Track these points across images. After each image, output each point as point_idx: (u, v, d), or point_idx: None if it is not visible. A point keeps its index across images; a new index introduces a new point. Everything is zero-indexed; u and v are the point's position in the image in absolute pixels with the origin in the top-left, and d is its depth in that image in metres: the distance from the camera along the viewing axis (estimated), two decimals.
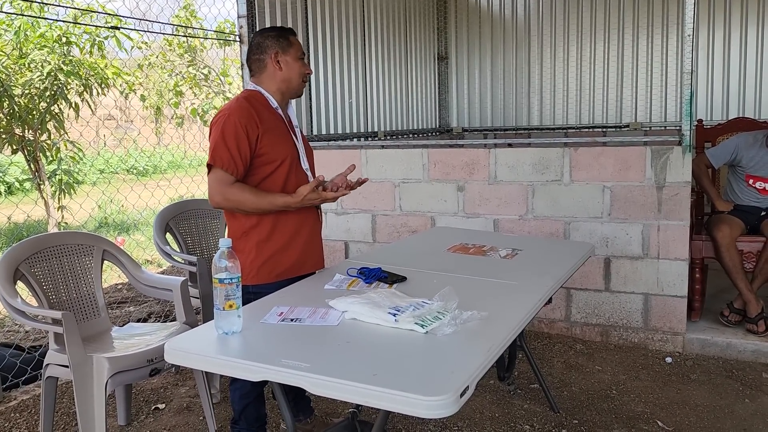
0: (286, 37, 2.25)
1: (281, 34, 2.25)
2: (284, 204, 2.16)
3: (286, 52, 2.23)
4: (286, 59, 2.23)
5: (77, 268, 2.69)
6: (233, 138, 2.09)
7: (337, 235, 4.32)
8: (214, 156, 2.11)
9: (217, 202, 2.15)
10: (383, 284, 2.08)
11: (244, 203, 2.14)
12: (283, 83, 2.25)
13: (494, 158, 3.81)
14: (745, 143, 3.69)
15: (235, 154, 2.09)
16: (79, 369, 2.30)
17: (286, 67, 2.24)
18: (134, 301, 4.78)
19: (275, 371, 1.44)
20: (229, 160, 2.09)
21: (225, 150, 2.09)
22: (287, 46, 2.24)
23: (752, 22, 5.77)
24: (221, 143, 2.09)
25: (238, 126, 2.10)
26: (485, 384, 3.09)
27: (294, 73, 2.25)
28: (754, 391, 3.00)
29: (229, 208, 2.18)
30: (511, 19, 6.65)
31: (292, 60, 2.24)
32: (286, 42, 2.24)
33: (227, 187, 2.11)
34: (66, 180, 6.66)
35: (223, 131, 2.10)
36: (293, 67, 2.24)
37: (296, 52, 2.25)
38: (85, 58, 6.26)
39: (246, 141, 2.10)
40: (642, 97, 6.20)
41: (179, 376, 3.32)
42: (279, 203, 2.16)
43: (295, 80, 2.26)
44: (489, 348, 1.53)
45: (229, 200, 2.13)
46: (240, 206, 2.16)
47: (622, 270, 3.58)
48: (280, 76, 2.23)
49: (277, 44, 2.23)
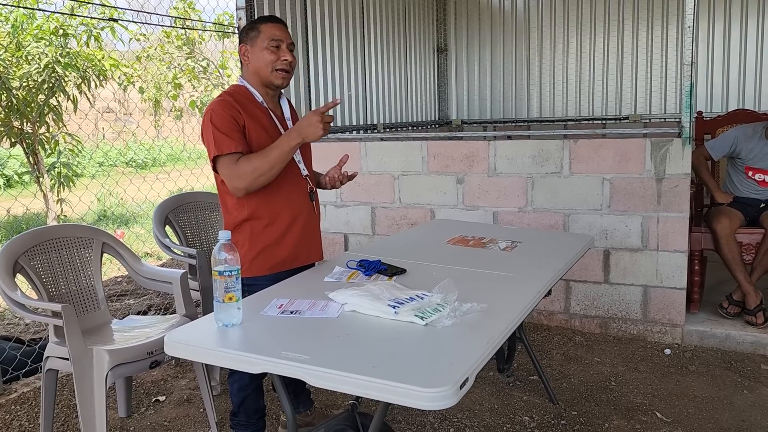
0: (256, 27, 2.17)
1: (252, 25, 2.18)
2: (293, 141, 2.06)
3: (253, 43, 2.16)
4: (252, 51, 2.17)
5: (77, 260, 2.68)
6: (224, 124, 2.07)
7: (337, 228, 4.32)
8: (217, 146, 2.06)
9: (237, 186, 2.07)
10: (383, 276, 2.08)
11: (257, 168, 2.05)
12: (255, 76, 2.19)
13: (494, 150, 3.81)
14: (745, 135, 3.69)
15: (233, 134, 2.06)
16: (80, 361, 2.30)
17: (253, 59, 2.17)
18: (134, 293, 4.78)
19: (275, 363, 1.45)
20: (229, 142, 2.06)
21: (222, 136, 2.06)
22: (255, 36, 2.16)
23: (752, 14, 5.75)
24: (216, 132, 2.07)
25: (224, 113, 2.08)
26: (485, 376, 3.10)
27: (261, 64, 2.16)
28: (753, 383, 3.01)
29: (251, 183, 2.07)
30: (510, 11, 6.63)
31: (259, 51, 2.15)
32: (254, 32, 2.16)
33: (236, 166, 2.06)
34: (65, 173, 6.65)
35: (213, 122, 2.08)
36: (260, 58, 2.16)
37: (264, 42, 2.14)
38: (82, 49, 6.24)
39: (235, 124, 2.08)
40: (642, 89, 6.19)
41: (179, 369, 3.33)
42: (287, 143, 2.06)
43: (264, 71, 2.16)
44: (488, 340, 1.53)
45: (245, 176, 2.05)
46: (256, 174, 2.05)
47: (622, 262, 3.59)
48: (251, 68, 2.19)
49: (245, 37, 2.18)
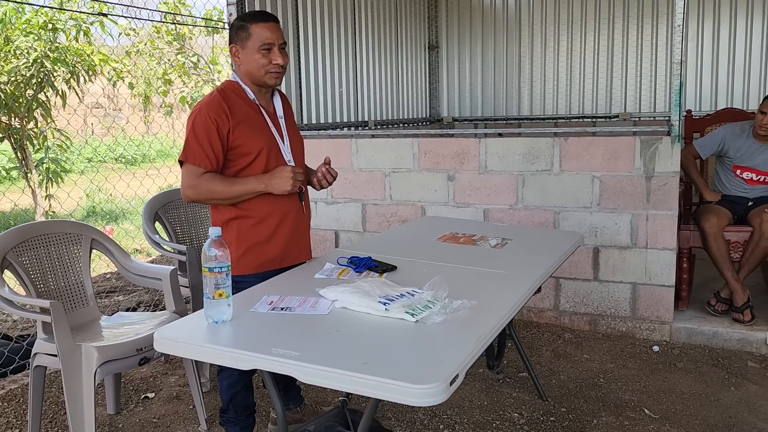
0: (246, 27, 2.13)
1: (242, 25, 2.14)
2: (258, 185, 2.11)
3: (244, 45, 2.14)
4: (244, 53, 2.14)
5: (65, 257, 2.67)
6: (203, 132, 2.07)
7: (328, 225, 4.32)
8: (185, 151, 2.10)
9: (187, 195, 2.12)
10: (373, 273, 2.08)
11: (214, 192, 2.10)
12: (247, 76, 2.18)
13: (484, 148, 3.82)
14: (732, 134, 3.72)
15: (206, 147, 2.07)
16: (68, 358, 2.29)
17: (245, 60, 2.15)
18: (123, 290, 4.76)
19: (265, 360, 1.45)
20: (200, 153, 2.07)
21: (196, 144, 2.08)
22: (245, 38, 2.13)
23: (741, 13, 5.79)
24: (192, 138, 2.09)
25: (208, 120, 2.08)
26: (474, 372, 3.11)
27: (252, 67, 2.14)
28: (740, 380, 3.04)
29: (202, 199, 2.15)
30: (501, 9, 6.63)
31: (250, 52, 2.13)
32: (245, 33, 2.13)
33: (197, 178, 2.08)
34: (53, 168, 6.60)
35: (194, 126, 2.09)
36: (251, 61, 2.14)
37: (256, 44, 2.11)
38: (71, 44, 6.19)
39: (216, 134, 2.08)
40: (631, 87, 6.22)
41: (169, 365, 3.32)
42: (251, 186, 2.11)
43: (256, 73, 2.15)
44: (478, 337, 1.54)
45: (200, 191, 2.10)
46: (211, 196, 2.12)
47: (611, 259, 3.61)
48: (242, 69, 2.18)
49: (235, 37, 2.16)
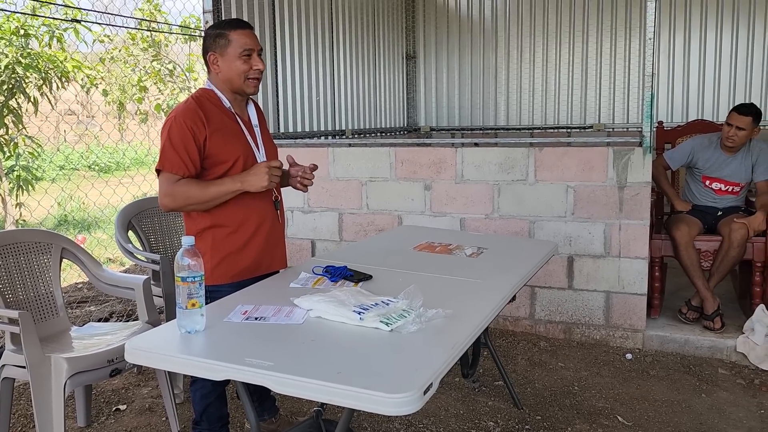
0: (225, 34, 2.12)
1: (220, 33, 2.13)
2: (233, 185, 2.08)
3: (223, 52, 2.12)
4: (223, 60, 2.13)
5: (35, 266, 2.62)
6: (180, 140, 2.05)
7: (304, 234, 4.30)
8: (162, 160, 2.07)
9: (165, 204, 2.08)
10: (349, 282, 2.08)
11: (190, 197, 2.07)
12: (226, 83, 2.17)
13: (461, 157, 3.84)
14: (701, 145, 3.79)
15: (183, 155, 2.05)
16: (37, 370, 2.24)
17: (225, 68, 2.14)
18: (95, 300, 4.68)
19: (238, 370, 1.43)
20: (177, 161, 2.05)
21: (172, 152, 2.05)
22: (225, 45, 2.12)
23: (711, 27, 5.93)
24: (168, 146, 2.06)
25: (184, 127, 2.05)
26: (450, 381, 3.11)
27: (233, 74, 2.13)
28: (711, 386, 3.08)
29: (180, 207, 2.11)
30: (478, 20, 6.71)
31: (231, 60, 2.12)
32: (223, 41, 2.12)
33: (173, 185, 2.06)
34: (24, 176, 6.48)
35: (170, 134, 2.06)
36: (232, 68, 2.13)
37: (236, 50, 2.11)
38: (44, 50, 6.10)
39: (193, 142, 2.05)
40: (605, 98, 6.33)
41: (141, 377, 3.26)
42: (227, 187, 2.08)
43: (236, 80, 2.14)
44: (453, 345, 1.54)
45: (177, 198, 2.06)
46: (188, 201, 2.08)
47: (585, 268, 3.65)
48: (221, 77, 2.16)
49: (213, 44, 2.14)
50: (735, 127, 3.60)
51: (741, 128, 3.59)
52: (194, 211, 2.15)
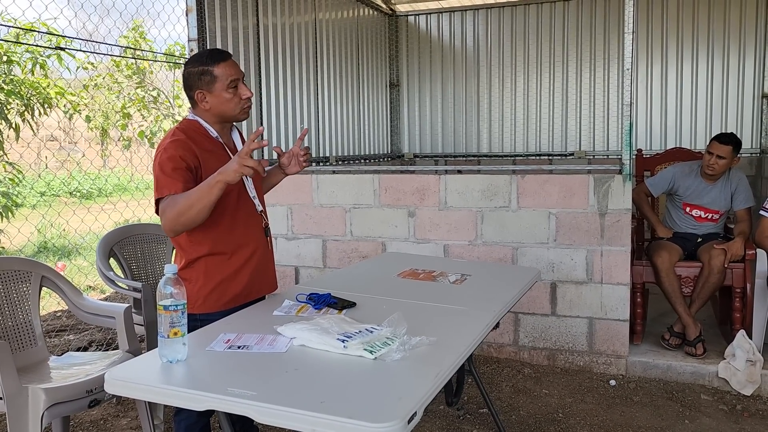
0: (209, 71, 2.11)
1: (204, 70, 2.11)
2: (212, 179, 1.95)
3: (210, 89, 2.11)
4: (212, 96, 2.12)
5: (13, 294, 2.57)
6: (171, 168, 2.02)
7: (288, 261, 4.29)
8: (157, 189, 2.03)
9: (168, 228, 2.03)
10: (333, 310, 2.07)
11: (180, 209, 1.97)
12: (217, 116, 2.17)
13: (444, 184, 3.87)
14: (681, 173, 3.86)
15: (174, 175, 2.02)
16: (13, 400, 2.19)
17: (215, 102, 2.13)
18: (74, 329, 4.60)
19: (221, 400, 1.41)
20: (169, 183, 2.02)
21: (165, 179, 2.02)
22: (210, 81, 2.11)
23: (687, 57, 6.09)
24: (161, 176, 2.03)
25: (175, 156, 2.03)
26: (434, 409, 3.09)
27: (224, 107, 2.14)
28: (694, 412, 3.09)
29: (179, 224, 2.01)
30: (461, 49, 6.82)
31: (219, 93, 2.11)
32: (209, 77, 2.11)
33: (166, 209, 2.00)
34: (4, 203, 6.39)
35: (161, 164, 2.03)
36: (222, 102, 2.12)
37: (224, 84, 2.10)
38: (26, 77, 6.08)
39: (186, 170, 2.03)
40: (585, 127, 6.44)
41: (121, 407, 3.20)
42: (206, 182, 1.96)
43: (229, 111, 2.15)
44: (437, 373, 1.54)
45: (170, 219, 1.99)
46: (180, 215, 1.97)
47: (568, 294, 3.67)
48: (212, 111, 2.16)
49: (199, 82, 2.12)
50: (716, 156, 3.67)
51: (721, 157, 3.66)
52: (192, 225, 2.03)
